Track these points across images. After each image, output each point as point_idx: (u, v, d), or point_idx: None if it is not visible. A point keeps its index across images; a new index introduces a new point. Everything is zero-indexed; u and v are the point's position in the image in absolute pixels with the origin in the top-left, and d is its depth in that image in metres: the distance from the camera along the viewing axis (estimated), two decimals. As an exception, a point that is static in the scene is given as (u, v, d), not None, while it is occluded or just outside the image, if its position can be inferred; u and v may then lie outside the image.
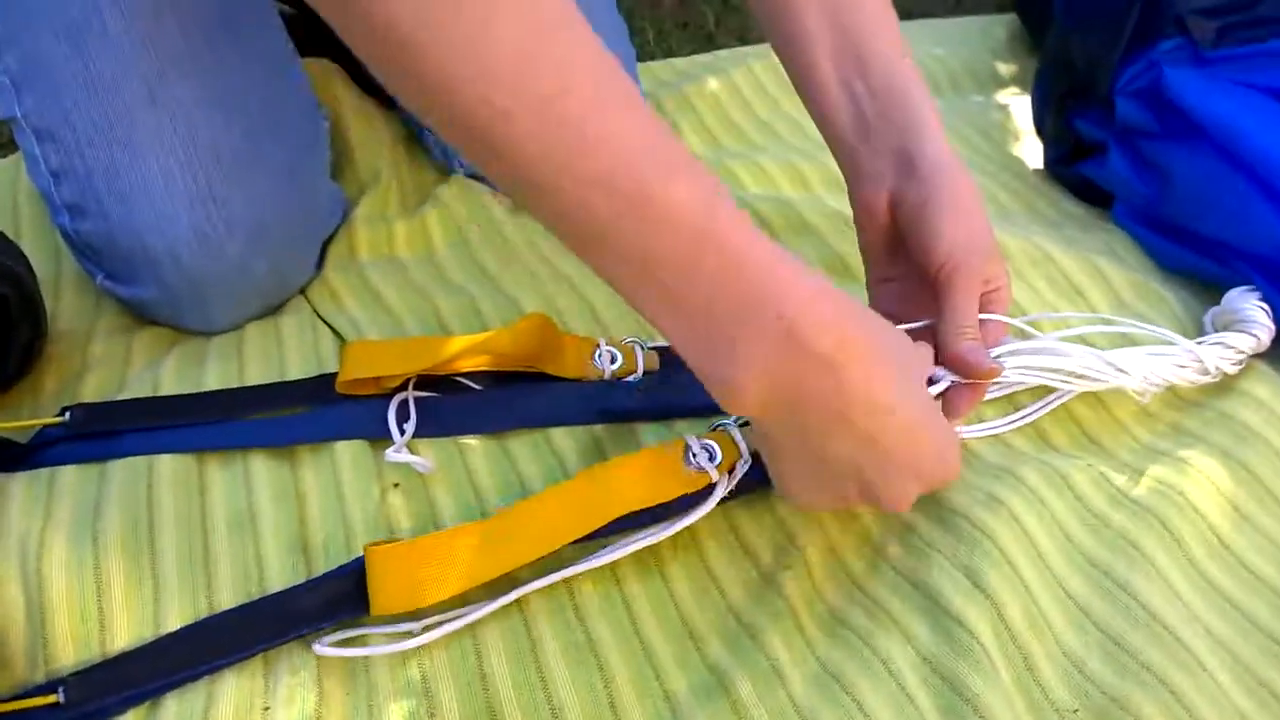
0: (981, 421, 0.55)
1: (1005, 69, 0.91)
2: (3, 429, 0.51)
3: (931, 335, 0.46)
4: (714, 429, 0.46)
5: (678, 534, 0.46)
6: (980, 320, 0.46)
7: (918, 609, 0.45)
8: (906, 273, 0.49)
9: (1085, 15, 0.70)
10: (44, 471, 0.48)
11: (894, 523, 0.49)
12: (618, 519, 0.43)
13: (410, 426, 0.52)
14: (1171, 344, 0.54)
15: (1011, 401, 0.56)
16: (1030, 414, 0.55)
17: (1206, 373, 0.54)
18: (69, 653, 0.41)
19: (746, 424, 0.46)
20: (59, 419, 0.51)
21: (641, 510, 0.44)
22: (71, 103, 0.53)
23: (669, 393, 0.55)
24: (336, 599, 0.41)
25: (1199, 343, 0.54)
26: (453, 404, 0.54)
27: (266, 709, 0.39)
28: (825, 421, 0.38)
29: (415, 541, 0.41)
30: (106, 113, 0.53)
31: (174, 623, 0.42)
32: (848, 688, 0.41)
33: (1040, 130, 0.78)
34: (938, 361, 0.46)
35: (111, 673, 0.39)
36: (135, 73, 0.53)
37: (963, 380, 0.45)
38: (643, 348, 0.57)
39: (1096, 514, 0.49)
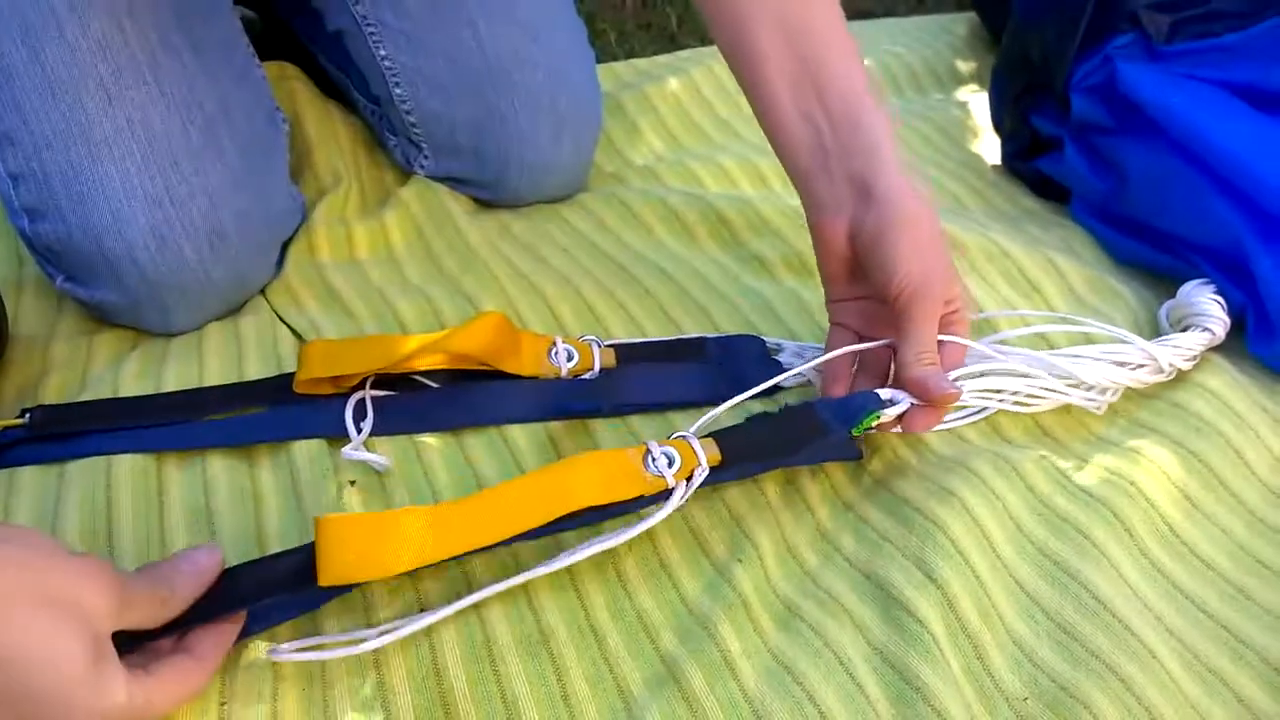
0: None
1: (965, 66, 0.92)
2: None
3: (891, 355, 0.47)
4: (673, 437, 0.46)
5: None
6: (940, 341, 0.48)
7: (869, 600, 0.45)
8: (867, 294, 0.50)
9: (1041, 11, 0.71)
10: (4, 472, 0.48)
11: (847, 515, 0.50)
12: (572, 514, 0.43)
13: (367, 425, 0.52)
14: (1127, 343, 0.54)
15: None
16: (985, 411, 0.56)
17: (1161, 371, 0.55)
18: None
19: (708, 436, 0.47)
20: (19, 420, 0.51)
21: (596, 506, 0.44)
22: (29, 106, 0.53)
23: (624, 391, 0.55)
24: (285, 573, 0.41)
25: (1155, 342, 0.55)
26: (410, 402, 0.54)
27: (223, 704, 0.39)
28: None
29: (366, 515, 0.40)
30: (64, 116, 0.53)
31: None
32: (799, 678, 0.42)
33: (998, 127, 0.78)
34: (898, 385, 0.47)
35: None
36: (92, 76, 0.53)
37: (920, 403, 0.46)
38: (599, 345, 0.57)
39: (1048, 504, 0.50)
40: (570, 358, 0.56)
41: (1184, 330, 0.58)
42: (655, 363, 0.58)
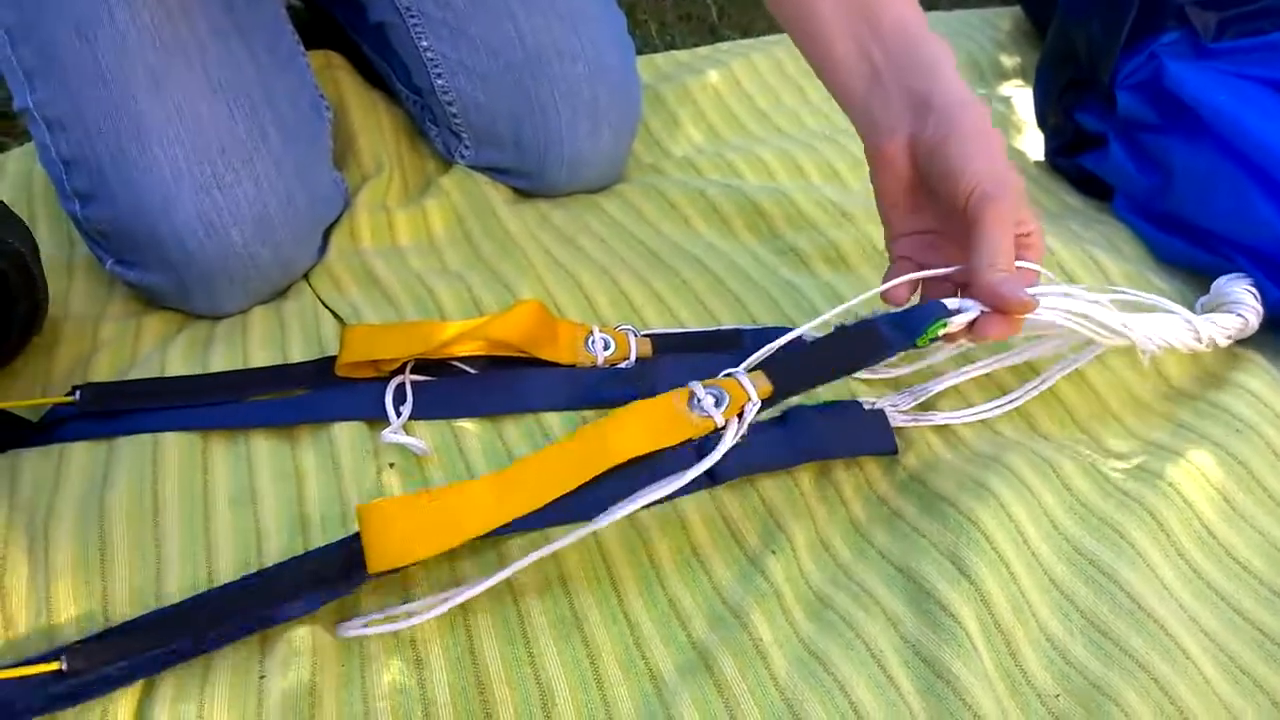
0: (969, 406, 0.55)
1: (1008, 61, 0.91)
2: (16, 407, 0.52)
3: (952, 281, 0.46)
4: (722, 375, 0.45)
5: (666, 515, 0.46)
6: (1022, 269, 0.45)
7: (902, 594, 0.45)
8: (931, 224, 0.49)
9: (1087, 7, 0.70)
10: (55, 447, 0.50)
11: (881, 509, 0.50)
12: (617, 470, 0.42)
13: (407, 409, 0.53)
14: (1171, 313, 0.53)
15: (999, 386, 0.57)
16: (1017, 399, 0.55)
17: (1199, 340, 0.54)
18: (71, 617, 0.42)
19: (756, 369, 0.45)
20: (69, 398, 0.52)
21: (640, 467, 0.42)
22: (81, 93, 0.54)
23: (659, 380, 0.55)
24: (332, 570, 0.42)
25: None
26: (448, 387, 0.55)
27: (263, 677, 0.40)
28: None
29: (405, 497, 0.40)
30: (115, 103, 0.54)
31: (174, 594, 0.43)
32: (830, 668, 0.42)
33: (1042, 123, 0.78)
34: (969, 294, 0.45)
35: (112, 642, 0.40)
36: (142, 64, 0.54)
37: (991, 311, 0.44)
38: (636, 335, 0.57)
39: (1085, 503, 0.50)
40: (607, 346, 0.57)
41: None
42: (691, 353, 0.58)
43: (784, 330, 0.59)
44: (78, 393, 0.53)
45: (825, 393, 0.54)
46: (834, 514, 0.50)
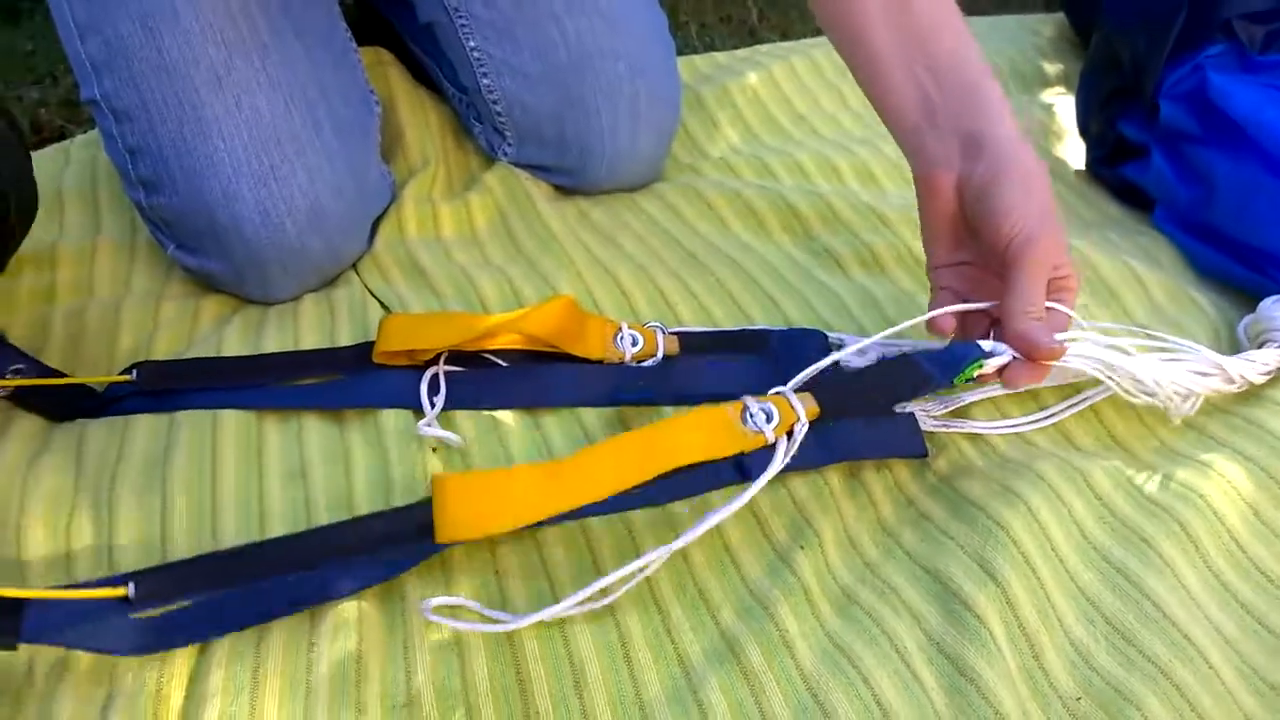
0: (1005, 418, 0.55)
1: (1051, 69, 0.91)
2: (79, 383, 0.55)
3: (991, 323, 0.48)
4: (772, 393, 0.47)
5: (696, 509, 0.48)
6: (1046, 307, 0.47)
7: (928, 593, 0.46)
8: (971, 257, 0.50)
9: (1132, 17, 0.70)
10: (119, 419, 0.52)
11: (910, 511, 0.51)
12: (672, 478, 0.44)
13: (440, 400, 0.54)
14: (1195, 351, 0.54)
15: (1036, 400, 0.57)
16: (1055, 414, 0.56)
17: (1231, 382, 0.55)
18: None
19: (805, 390, 0.46)
20: (127, 376, 0.55)
21: (696, 470, 0.44)
22: (146, 85, 0.57)
23: (682, 381, 0.56)
24: (400, 534, 0.43)
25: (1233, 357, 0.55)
26: (481, 378, 0.56)
27: (313, 645, 0.42)
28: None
29: (480, 473, 0.42)
30: (178, 96, 0.56)
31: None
32: (855, 662, 0.43)
33: (1084, 131, 0.78)
34: (1001, 337, 0.46)
35: (177, 576, 0.42)
36: (204, 59, 0.56)
37: (1021, 358, 0.45)
38: (664, 332, 0.58)
39: (1114, 512, 0.50)
40: (635, 343, 0.58)
41: (1261, 346, 0.57)
42: (717, 353, 0.59)
43: (810, 332, 0.60)
44: (135, 371, 0.55)
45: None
46: (863, 514, 0.51)
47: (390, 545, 0.43)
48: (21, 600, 0.40)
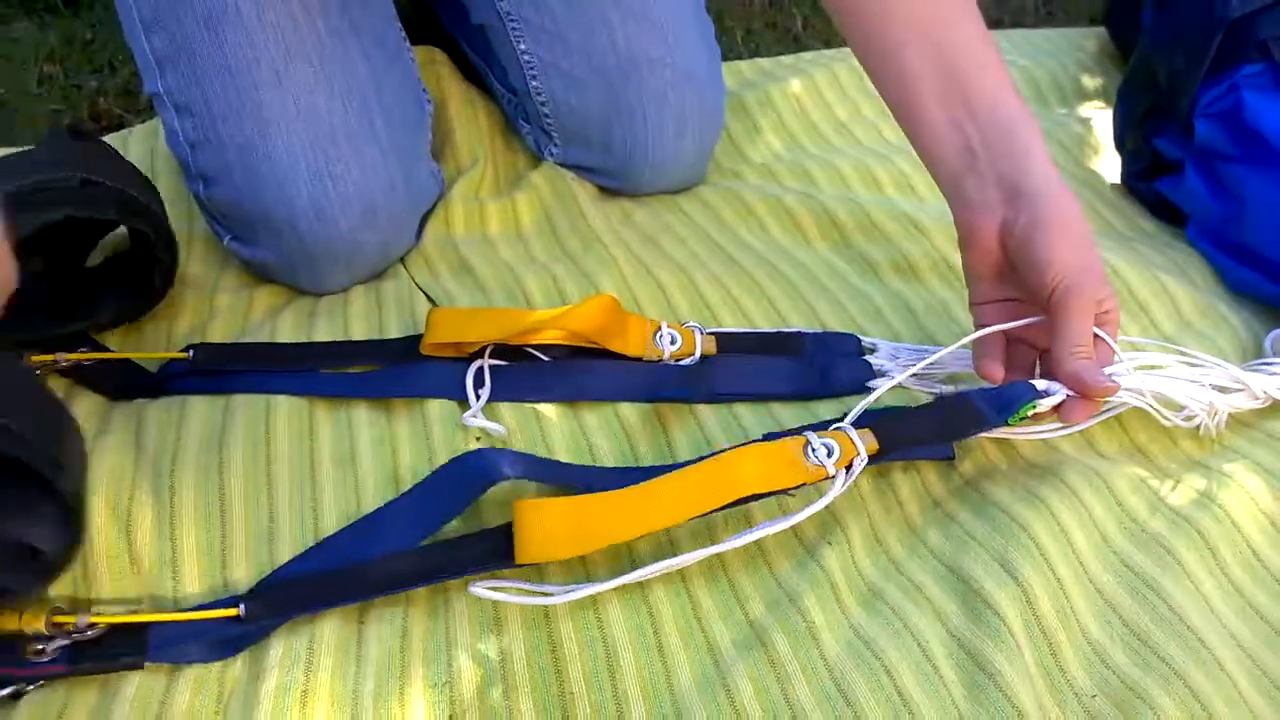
0: (1035, 425, 0.57)
1: (1091, 83, 0.92)
2: (135, 358, 0.58)
3: (1037, 353, 0.50)
4: (832, 429, 0.49)
5: (733, 513, 0.50)
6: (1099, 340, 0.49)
7: (951, 591, 0.48)
8: (1012, 295, 0.52)
9: (1170, 35, 0.71)
10: (176, 400, 0.55)
11: (936, 512, 0.52)
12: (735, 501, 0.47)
13: (485, 392, 0.56)
14: (1222, 368, 0.55)
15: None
16: (1080, 424, 0.57)
17: (1256, 398, 0.56)
18: (194, 558, 0.47)
19: (864, 426, 0.49)
20: (183, 354, 0.58)
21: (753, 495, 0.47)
22: (209, 83, 0.59)
23: (718, 380, 0.58)
24: (489, 554, 0.46)
25: (1250, 367, 0.56)
26: (524, 372, 0.59)
27: (362, 623, 0.45)
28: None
29: (557, 501, 0.45)
30: (239, 93, 0.59)
31: (284, 541, 0.49)
32: (878, 654, 0.45)
33: (1120, 146, 0.79)
34: (1053, 377, 0.49)
35: (283, 595, 0.46)
36: (265, 58, 0.59)
37: (1075, 396, 0.48)
38: (701, 332, 0.60)
39: (1135, 519, 0.51)
40: (673, 341, 0.60)
41: (1289, 362, 0.58)
42: (752, 354, 0.61)
43: (844, 336, 0.62)
44: (191, 351, 0.58)
45: (887, 398, 0.57)
46: (890, 513, 0.52)
47: (477, 566, 0.46)
48: (144, 625, 0.44)
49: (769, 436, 0.53)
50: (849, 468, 0.48)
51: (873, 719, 0.42)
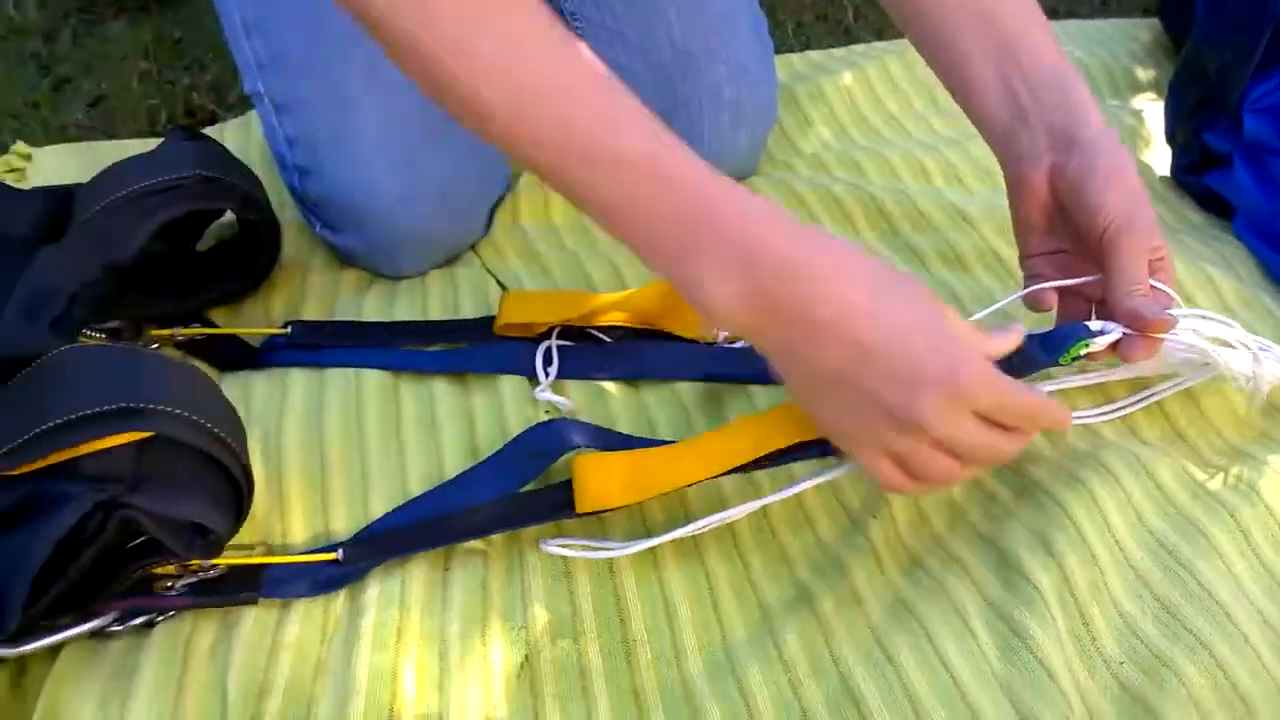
0: (1075, 409, 0.59)
1: (1144, 74, 0.93)
2: (241, 333, 0.64)
3: (1087, 298, 0.51)
4: None
5: (777, 475, 0.53)
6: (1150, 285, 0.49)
7: (989, 563, 0.51)
8: (1064, 244, 0.53)
9: (1221, 29, 0.72)
10: (278, 371, 0.61)
11: (978, 491, 0.55)
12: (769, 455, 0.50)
13: (553, 370, 0.61)
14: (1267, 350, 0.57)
15: (1106, 394, 0.61)
16: (1123, 408, 0.59)
17: None
18: (299, 514, 0.53)
19: None
20: (282, 330, 0.63)
21: (784, 453, 0.50)
22: (304, 83, 0.64)
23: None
24: (550, 503, 0.51)
25: None
26: (589, 352, 0.63)
27: (447, 569, 0.50)
28: (806, 330, 0.40)
29: (612, 455, 0.50)
30: (334, 93, 0.64)
31: (377, 496, 0.54)
32: (918, 617, 0.48)
33: (1171, 139, 0.80)
34: (1109, 317, 0.49)
35: (382, 541, 0.51)
36: (356, 59, 0.63)
37: (1134, 333, 0.48)
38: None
39: (1172, 501, 0.54)
40: None
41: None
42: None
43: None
44: (289, 327, 0.64)
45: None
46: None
47: (545, 516, 0.51)
48: (258, 567, 0.49)
49: None
50: None
51: (912, 675, 0.46)
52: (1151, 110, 0.86)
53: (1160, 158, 0.82)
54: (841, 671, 0.47)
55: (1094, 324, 0.49)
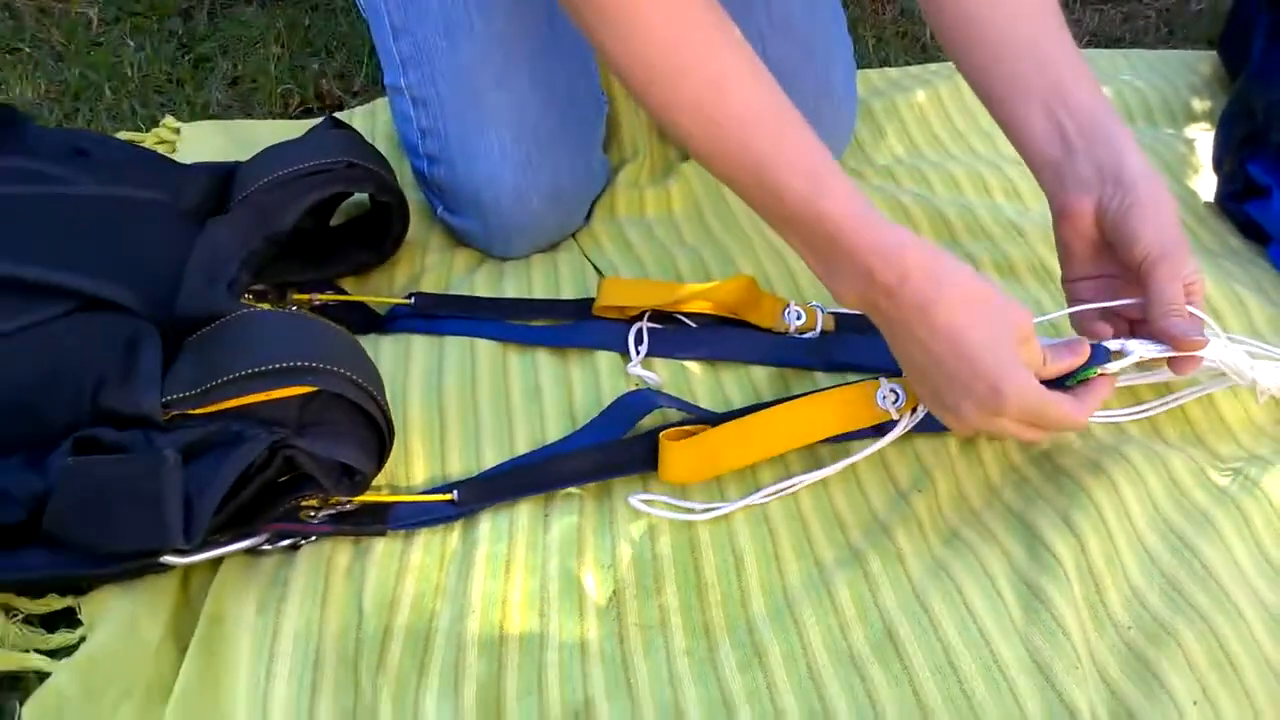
0: (1105, 409, 0.66)
1: (1199, 105, 0.98)
2: (370, 301, 0.74)
3: (1125, 318, 0.58)
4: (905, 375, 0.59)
5: (837, 451, 0.62)
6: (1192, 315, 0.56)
7: (1017, 537, 0.58)
8: (1104, 272, 0.59)
9: (1270, 70, 0.78)
10: (402, 337, 0.70)
11: (1012, 475, 0.63)
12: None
13: (644, 348, 0.70)
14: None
15: (1134, 395, 0.68)
16: (1148, 409, 0.66)
17: None
18: (421, 463, 0.62)
19: None
20: (406, 300, 0.73)
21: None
22: (442, 82, 0.73)
23: (834, 353, 0.70)
24: (637, 457, 0.61)
25: None
26: (675, 334, 0.72)
27: (547, 515, 0.59)
28: (894, 325, 0.53)
29: (689, 442, 0.59)
30: (467, 92, 0.73)
31: (488, 448, 0.63)
32: (953, 577, 0.56)
33: (1217, 167, 0.86)
34: (1149, 336, 0.56)
35: (492, 483, 0.60)
36: (491, 64, 0.72)
37: (1173, 353, 0.55)
38: (823, 311, 0.72)
39: (1185, 493, 0.61)
40: (799, 317, 0.72)
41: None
42: (865, 331, 0.72)
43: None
44: (413, 298, 0.73)
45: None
46: (972, 471, 0.63)
47: (633, 468, 0.61)
48: (386, 504, 0.59)
49: None
50: (914, 410, 0.59)
51: (945, 624, 0.54)
52: (1203, 139, 0.92)
53: (1207, 185, 0.87)
54: (884, 618, 0.55)
55: (1113, 344, 0.56)
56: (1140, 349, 0.56)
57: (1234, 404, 0.68)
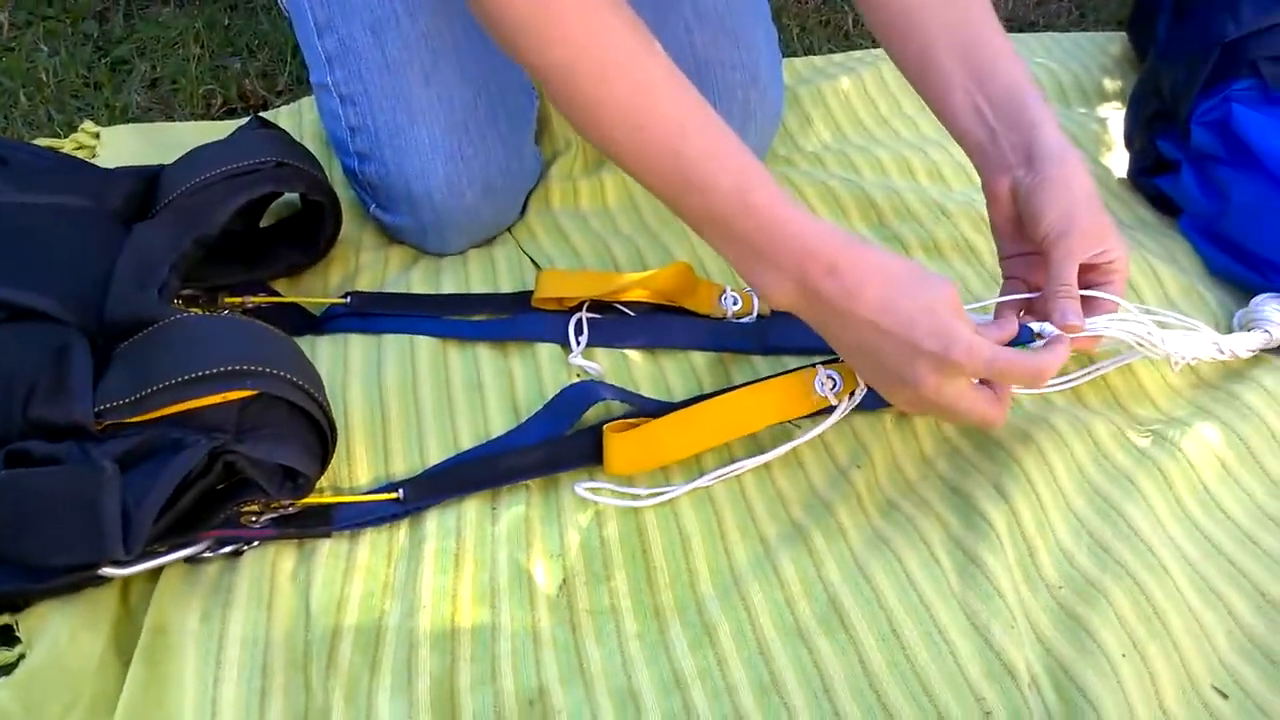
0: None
1: (1110, 85, 1.02)
2: (305, 302, 0.73)
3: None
4: (841, 361, 0.60)
5: (776, 432, 0.63)
6: (1094, 297, 0.57)
7: (952, 506, 0.60)
8: (1032, 249, 0.61)
9: (1176, 50, 0.82)
10: (340, 336, 0.70)
11: (945, 446, 0.65)
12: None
13: (584, 338, 0.70)
14: (1196, 330, 0.66)
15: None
16: (1072, 380, 0.69)
17: (1222, 353, 0.67)
18: (363, 463, 0.62)
19: None
20: (343, 300, 0.72)
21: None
22: (369, 79, 0.73)
23: (770, 336, 0.72)
24: (581, 452, 0.62)
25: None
26: (615, 323, 0.72)
27: (494, 509, 0.59)
28: (838, 316, 0.54)
29: (632, 433, 0.60)
30: (394, 88, 0.72)
31: (431, 446, 0.63)
32: (892, 548, 0.58)
33: (1129, 144, 0.89)
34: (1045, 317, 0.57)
35: (437, 481, 0.60)
36: (417, 60, 0.72)
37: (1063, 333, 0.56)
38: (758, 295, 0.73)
39: (1108, 456, 0.64)
40: (736, 303, 0.73)
41: (1249, 331, 0.69)
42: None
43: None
44: (349, 297, 0.72)
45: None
46: (907, 445, 0.65)
47: (578, 462, 0.61)
48: (330, 505, 0.58)
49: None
50: (852, 395, 0.61)
51: (887, 592, 0.56)
52: (1115, 118, 0.96)
53: (1119, 161, 0.91)
54: (828, 590, 0.56)
55: (1036, 325, 0.57)
56: (1051, 328, 0.57)
57: (1151, 371, 0.71)
